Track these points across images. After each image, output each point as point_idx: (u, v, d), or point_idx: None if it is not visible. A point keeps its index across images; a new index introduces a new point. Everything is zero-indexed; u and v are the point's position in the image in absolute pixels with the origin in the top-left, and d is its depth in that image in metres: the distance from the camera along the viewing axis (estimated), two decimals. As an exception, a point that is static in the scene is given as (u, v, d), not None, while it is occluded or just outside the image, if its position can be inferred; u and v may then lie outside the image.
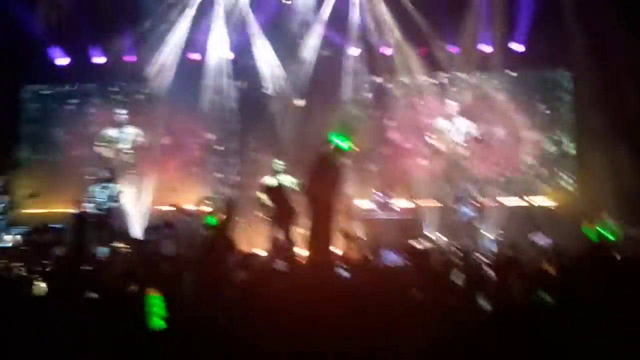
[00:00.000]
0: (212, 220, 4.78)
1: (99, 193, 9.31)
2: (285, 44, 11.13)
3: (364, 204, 10.27)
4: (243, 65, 11.28)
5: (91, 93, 10.98)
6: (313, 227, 6.53)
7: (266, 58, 11.26)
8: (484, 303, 4.05)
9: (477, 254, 7.47)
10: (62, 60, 10.90)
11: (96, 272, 6.50)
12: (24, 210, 9.03)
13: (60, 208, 9.74)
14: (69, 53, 10.91)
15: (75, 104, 10.94)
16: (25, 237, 8.82)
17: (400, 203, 10.17)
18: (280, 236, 9.05)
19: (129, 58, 11.03)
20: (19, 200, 9.00)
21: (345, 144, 5.55)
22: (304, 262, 6.71)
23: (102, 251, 8.28)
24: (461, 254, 6.87)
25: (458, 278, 5.15)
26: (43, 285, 4.83)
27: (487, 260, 6.70)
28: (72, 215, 8.81)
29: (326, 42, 11.11)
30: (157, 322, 3.71)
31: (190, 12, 11.12)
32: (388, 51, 11.05)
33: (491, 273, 5.70)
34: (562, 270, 4.74)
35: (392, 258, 5.47)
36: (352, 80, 11.02)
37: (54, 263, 6.68)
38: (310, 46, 11.14)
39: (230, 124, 11.29)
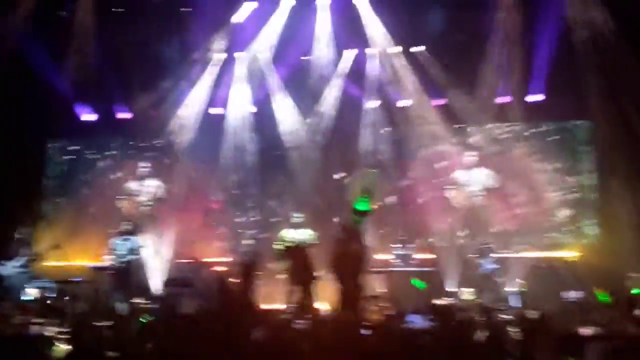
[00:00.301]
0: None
1: (120, 246, 9.34)
2: (305, 97, 11.35)
3: (384, 256, 10.16)
4: (264, 118, 11.50)
5: (115, 148, 11.23)
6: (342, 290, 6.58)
7: (286, 111, 11.48)
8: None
9: (500, 311, 7.29)
10: (88, 116, 11.22)
11: (115, 329, 6.48)
12: (45, 263, 9.10)
13: (81, 261, 9.83)
14: (95, 109, 11.24)
15: (99, 159, 11.17)
16: (46, 291, 8.86)
17: (420, 255, 10.03)
18: (298, 292, 8.93)
19: (153, 113, 11.33)
20: (41, 252, 9.06)
21: (366, 207, 5.55)
22: (326, 319, 6.60)
23: (122, 307, 8.26)
24: (485, 312, 6.70)
25: (482, 338, 5.01)
26: (63, 347, 4.80)
27: (511, 318, 6.53)
28: (92, 268, 8.87)
29: (345, 96, 11.27)
30: None
31: (212, 68, 11.45)
32: (405, 103, 11.20)
33: (516, 333, 5.54)
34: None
35: (417, 321, 5.33)
36: (370, 132, 11.12)
37: (74, 319, 6.65)
38: (330, 99, 11.35)
39: (250, 177, 11.40)
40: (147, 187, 10.91)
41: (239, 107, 11.56)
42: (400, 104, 11.21)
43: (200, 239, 10.08)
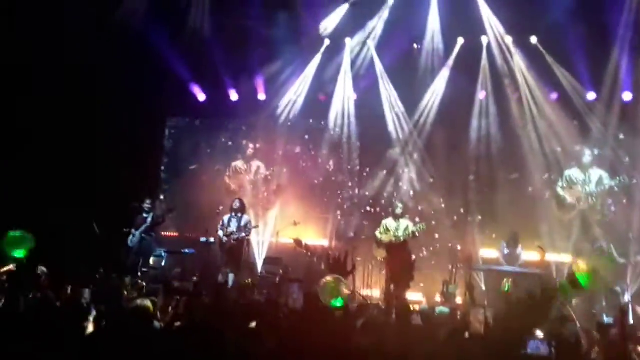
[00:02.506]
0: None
1: (230, 222, 9.64)
2: (411, 86, 11.15)
3: (490, 253, 9.85)
4: (367, 106, 11.44)
5: (226, 127, 11.65)
6: None
7: (390, 100, 11.34)
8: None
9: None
10: (201, 97, 11.71)
11: (221, 302, 6.71)
12: (162, 233, 9.66)
13: (192, 233, 10.34)
14: (208, 90, 11.69)
15: (208, 137, 11.65)
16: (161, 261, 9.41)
17: (529, 256, 9.59)
18: (393, 286, 8.90)
19: (260, 96, 11.61)
20: (161, 218, 9.55)
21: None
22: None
23: (229, 282, 8.62)
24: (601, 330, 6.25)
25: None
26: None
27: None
28: (203, 242, 9.28)
29: (453, 85, 10.95)
30: None
31: (319, 55, 11.52)
32: (516, 96, 10.70)
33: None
34: None
35: (537, 347, 5.01)
36: (478, 124, 10.76)
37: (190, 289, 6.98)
38: (437, 89, 11.08)
39: (352, 164, 11.43)
40: (253, 167, 11.28)
41: (344, 94, 11.57)
42: (512, 96, 10.72)
43: (303, 221, 10.22)
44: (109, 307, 5.98)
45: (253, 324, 5.08)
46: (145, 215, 9.48)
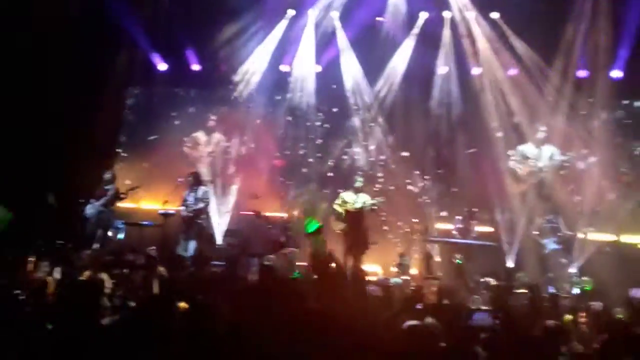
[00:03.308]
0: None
1: (188, 195, 9.59)
2: (373, 59, 11.17)
3: (445, 226, 10.12)
4: (329, 77, 11.43)
5: (186, 98, 11.46)
6: None
7: (352, 72, 11.35)
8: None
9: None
10: (162, 66, 11.46)
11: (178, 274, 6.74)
12: (119, 204, 9.52)
13: (151, 205, 10.26)
14: (168, 60, 11.44)
15: (169, 108, 11.45)
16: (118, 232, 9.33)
17: (480, 228, 9.90)
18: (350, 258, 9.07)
19: (222, 66, 11.44)
20: (122, 192, 9.41)
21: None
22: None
23: (186, 253, 8.64)
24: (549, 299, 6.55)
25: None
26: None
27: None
28: (161, 214, 9.20)
29: (415, 59, 11.02)
30: None
31: (281, 25, 11.38)
32: (477, 71, 10.86)
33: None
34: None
35: (482, 318, 5.23)
36: (439, 98, 10.90)
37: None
38: (399, 63, 11.13)
39: (313, 136, 11.45)
40: (213, 139, 11.19)
41: (305, 65, 11.51)
42: (473, 71, 10.87)
43: (263, 193, 10.24)
44: (62, 279, 5.97)
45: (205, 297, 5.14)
46: (106, 187, 9.34)
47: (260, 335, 3.84)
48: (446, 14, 10.95)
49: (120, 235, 9.49)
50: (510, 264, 9.54)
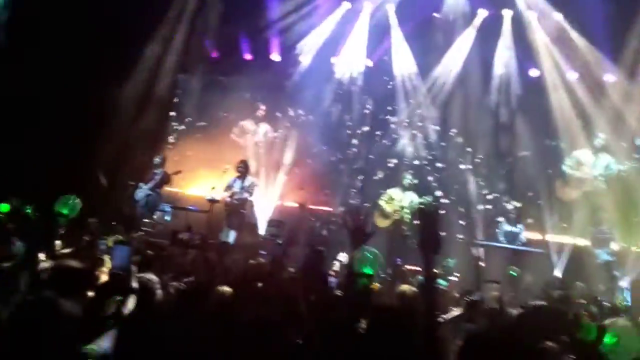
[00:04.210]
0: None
1: (234, 182, 9.64)
2: (428, 55, 10.99)
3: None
4: (381, 71, 11.30)
5: (235, 86, 11.51)
6: None
7: (405, 67, 11.19)
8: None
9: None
10: (215, 54, 11.56)
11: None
12: (168, 188, 9.67)
13: (198, 191, 10.37)
14: (221, 49, 11.50)
15: (219, 95, 11.54)
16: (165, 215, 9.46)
17: (529, 235, 9.61)
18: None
19: (274, 57, 11.44)
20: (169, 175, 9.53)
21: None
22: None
23: (230, 236, 8.69)
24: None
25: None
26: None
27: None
28: (208, 200, 9.27)
29: (472, 57, 10.77)
30: None
31: (335, 16, 11.28)
32: (536, 72, 10.54)
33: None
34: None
35: None
36: (495, 100, 10.64)
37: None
38: (454, 61, 10.90)
39: (362, 129, 11.35)
40: (261, 128, 11.22)
41: (357, 59, 11.40)
42: (532, 72, 10.56)
43: (308, 187, 10.21)
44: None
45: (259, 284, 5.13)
46: (155, 171, 9.48)
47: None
48: (506, 12, 10.66)
49: (167, 218, 9.61)
50: (558, 273, 9.23)
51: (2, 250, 4.69)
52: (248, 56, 11.53)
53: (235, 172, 9.38)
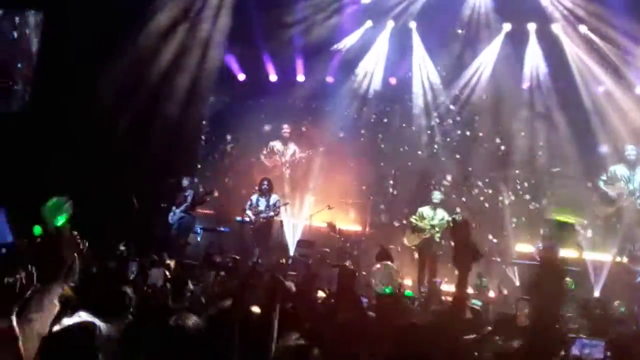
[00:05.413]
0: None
1: (258, 201, 9.69)
2: (452, 71, 10.96)
3: (524, 247, 9.68)
4: (405, 89, 11.30)
5: (262, 108, 11.66)
6: None
7: (428, 84, 11.18)
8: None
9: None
10: (240, 76, 11.74)
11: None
12: (199, 210, 9.79)
13: (227, 212, 10.45)
14: (247, 70, 11.69)
15: (246, 117, 11.69)
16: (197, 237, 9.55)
17: (565, 252, 9.35)
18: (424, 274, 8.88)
19: (299, 77, 11.57)
20: (200, 197, 9.65)
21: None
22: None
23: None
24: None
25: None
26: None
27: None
28: (238, 221, 9.36)
29: (497, 73, 10.70)
30: None
31: (356, 35, 11.35)
32: (567, 84, 10.40)
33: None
34: None
35: (588, 348, 4.80)
36: (524, 116, 10.51)
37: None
38: (478, 76, 10.85)
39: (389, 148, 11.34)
40: (289, 149, 11.30)
41: (381, 76, 11.43)
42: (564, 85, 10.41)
43: (337, 206, 10.20)
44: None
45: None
46: (185, 193, 9.61)
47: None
48: (531, 26, 10.60)
49: (199, 239, 9.71)
50: (596, 292, 8.96)
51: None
52: (273, 77, 11.67)
53: (259, 190, 9.44)
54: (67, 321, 2.86)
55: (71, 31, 9.77)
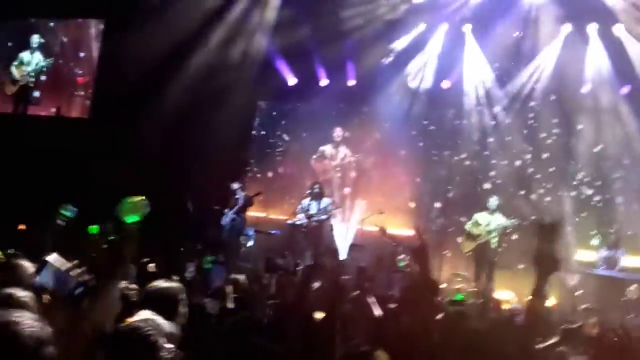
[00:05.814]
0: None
1: (309, 205, 9.69)
2: (509, 75, 10.66)
3: (587, 255, 9.29)
4: (456, 91, 11.08)
5: (313, 112, 11.67)
6: None
7: (484, 87, 10.92)
8: None
9: None
10: (292, 80, 11.81)
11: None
12: (249, 213, 9.90)
13: (278, 215, 10.51)
14: (297, 74, 11.75)
15: (297, 121, 11.73)
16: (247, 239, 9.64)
17: (631, 261, 8.92)
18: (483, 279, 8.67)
19: (350, 82, 11.53)
20: (251, 199, 9.76)
21: None
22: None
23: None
24: None
25: None
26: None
27: None
28: (289, 224, 9.39)
29: (557, 76, 10.34)
30: None
31: (403, 42, 11.22)
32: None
33: None
34: None
35: None
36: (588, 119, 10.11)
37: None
38: (536, 79, 10.52)
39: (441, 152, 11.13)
40: (340, 153, 11.27)
41: (431, 79, 11.24)
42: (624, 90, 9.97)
43: (389, 210, 10.08)
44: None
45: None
46: (237, 196, 9.74)
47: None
48: (590, 28, 10.19)
49: (250, 243, 9.81)
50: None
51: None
52: (324, 82, 11.68)
53: (310, 194, 9.44)
54: (131, 319, 2.92)
55: (130, 39, 10.09)
